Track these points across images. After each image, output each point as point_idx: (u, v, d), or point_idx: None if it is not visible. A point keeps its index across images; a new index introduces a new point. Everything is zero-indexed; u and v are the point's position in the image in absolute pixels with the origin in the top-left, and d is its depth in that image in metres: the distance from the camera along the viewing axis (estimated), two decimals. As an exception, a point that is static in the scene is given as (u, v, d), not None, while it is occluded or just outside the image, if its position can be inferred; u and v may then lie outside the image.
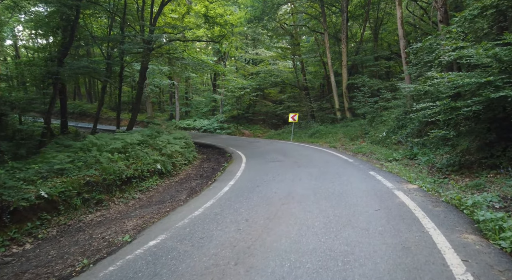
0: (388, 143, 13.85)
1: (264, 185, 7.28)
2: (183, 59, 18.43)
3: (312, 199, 5.84)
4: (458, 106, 8.14)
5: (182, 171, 10.61)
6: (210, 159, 13.63)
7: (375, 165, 9.39)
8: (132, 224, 5.65)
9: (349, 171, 8.43)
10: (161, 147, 10.32)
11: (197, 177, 9.99)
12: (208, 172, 10.64)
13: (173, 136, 12.07)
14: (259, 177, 8.24)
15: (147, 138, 10.91)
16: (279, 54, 27.48)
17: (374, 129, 16.56)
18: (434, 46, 11.61)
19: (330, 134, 18.93)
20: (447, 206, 5.17)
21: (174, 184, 8.98)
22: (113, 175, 7.25)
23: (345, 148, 14.52)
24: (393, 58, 24.93)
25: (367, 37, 28.25)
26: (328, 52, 23.03)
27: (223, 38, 19.63)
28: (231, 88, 25.14)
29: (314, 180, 7.47)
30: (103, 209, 6.68)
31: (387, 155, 11.51)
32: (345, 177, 7.69)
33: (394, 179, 7.29)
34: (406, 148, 12.25)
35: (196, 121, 27.05)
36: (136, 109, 15.74)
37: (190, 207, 5.93)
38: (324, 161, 10.28)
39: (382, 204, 5.33)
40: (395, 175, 7.90)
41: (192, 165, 11.75)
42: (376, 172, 8.15)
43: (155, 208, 6.76)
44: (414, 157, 10.87)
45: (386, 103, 17.88)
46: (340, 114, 22.43)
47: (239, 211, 5.33)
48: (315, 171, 8.55)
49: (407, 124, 14.11)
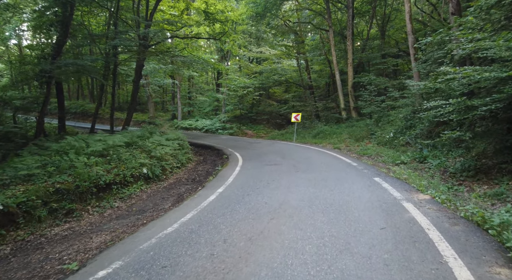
0: (395, 145, 12.90)
1: (255, 193, 6.42)
2: (183, 57, 17.67)
3: (306, 213, 4.97)
4: (474, 105, 7.21)
5: (173, 174, 9.80)
6: (206, 161, 12.82)
7: (381, 170, 8.47)
8: (99, 240, 4.84)
9: (352, 177, 7.53)
10: (150, 149, 9.52)
11: (188, 181, 9.17)
12: (202, 176, 9.82)
13: (165, 137, 11.27)
14: (252, 183, 7.39)
15: (136, 139, 10.13)
16: (283, 53, 26.54)
17: (381, 130, 15.60)
18: (445, 40, 10.66)
19: (334, 135, 18.00)
20: (467, 224, 4.26)
21: (161, 190, 8.17)
22: (88, 182, 6.46)
23: (349, 150, 13.59)
24: (401, 55, 23.86)
25: (373, 34, 27.19)
26: (333, 50, 22.07)
27: (224, 35, 18.82)
28: (234, 87, 24.28)
29: (312, 187, 6.59)
30: (73, 221, 5.88)
31: (394, 157, 10.59)
32: (347, 184, 6.79)
33: (402, 187, 6.38)
34: (415, 150, 11.30)
35: (198, 121, 26.27)
36: (131, 108, 14.99)
37: (164, 221, 5.10)
38: (325, 165, 9.39)
39: (388, 221, 4.44)
40: (404, 182, 6.98)
41: (186, 168, 10.94)
42: (382, 178, 7.24)
43: (132, 219, 5.95)
44: (424, 160, 9.93)
45: (393, 102, 16.89)
46: (345, 114, 21.46)
47: (219, 228, 4.49)
48: (314, 177, 7.67)
49: (415, 124, 13.15)
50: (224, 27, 18.53)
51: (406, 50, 24.84)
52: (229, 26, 18.66)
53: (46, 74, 13.15)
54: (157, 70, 23.20)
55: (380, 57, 22.51)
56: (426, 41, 11.53)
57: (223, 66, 21.04)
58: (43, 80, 14.25)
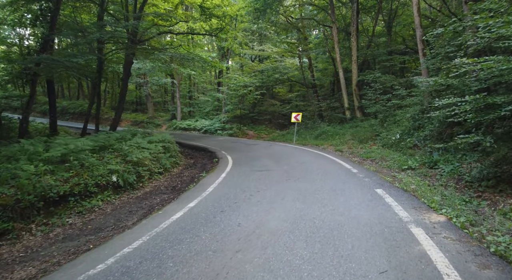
0: (402, 147, 11.61)
1: (231, 209, 5.25)
2: (178, 55, 16.56)
3: (285, 241, 3.78)
4: (497, 103, 5.97)
5: (152, 181, 8.68)
6: (196, 164, 11.69)
7: (385, 178, 7.23)
8: (19, 277, 3.73)
9: (350, 188, 6.31)
10: (126, 153, 8.41)
11: (167, 190, 8.02)
12: (185, 183, 8.67)
13: (148, 139, 10.14)
14: (232, 195, 6.23)
15: (114, 142, 9.04)
16: (284, 50, 25.28)
17: (386, 130, 14.30)
18: (459, 31, 9.39)
19: (337, 136, 16.73)
20: (500, 263, 3.04)
21: (132, 201, 7.03)
22: (33, 194, 5.35)
23: (352, 153, 12.35)
24: (409, 52, 22.43)
25: (379, 31, 25.79)
26: (336, 47, 20.77)
27: (221, 31, 17.66)
28: (233, 86, 23.10)
29: (301, 202, 5.40)
30: (6, 245, 4.77)
31: (401, 162, 9.35)
32: (342, 198, 5.58)
33: (410, 203, 5.14)
34: (424, 153, 10.01)
35: (197, 121, 25.15)
36: (119, 108, 13.93)
37: (101, 252, 3.95)
38: (322, 172, 8.16)
39: (392, 258, 3.23)
40: (412, 195, 5.74)
41: (170, 173, 9.81)
42: (385, 190, 6.01)
43: (82, 241, 4.82)
44: (435, 165, 8.67)
45: (400, 101, 15.56)
46: (349, 114, 20.16)
47: (163, 268, 3.31)
48: (306, 187, 6.47)
49: (424, 125, 11.85)
50: (221, 23, 17.38)
51: (414, 48, 23.44)
52: (226, 21, 17.46)
53: (27, 71, 12.22)
54: (154, 69, 22.15)
55: (386, 54, 21.13)
56: (437, 33, 10.25)
57: (221, 64, 19.86)
58: (28, 78, 13.32)
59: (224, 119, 24.70)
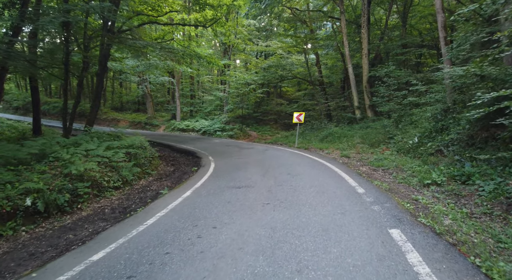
0: (421, 153, 9.25)
1: (147, 274, 3.11)
2: (169, 49, 14.53)
3: None
4: None
5: (100, 200, 6.61)
6: (175, 173, 9.61)
7: (403, 205, 4.92)
8: None
9: (351, 226, 4.03)
10: (66, 163, 6.38)
11: (113, 213, 5.91)
12: (143, 201, 6.56)
13: (107, 144, 8.08)
14: (175, 234, 4.08)
15: (57, 148, 7.03)
16: (289, 45, 22.93)
17: (402, 132, 11.91)
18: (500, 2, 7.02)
19: (345, 138, 14.39)
20: None
21: (51, 234, 4.92)
22: None
23: (360, 159, 10.04)
24: (426, 45, 19.81)
25: (393, 24, 23.19)
26: (345, 40, 18.37)
27: (215, 23, 15.56)
28: (234, 84, 20.92)
29: (266, 257, 3.20)
30: None
31: (421, 174, 7.07)
32: (336, 248, 3.34)
33: (452, 266, 2.89)
34: (451, 162, 7.65)
35: (197, 122, 23.08)
36: (94, 106, 11.96)
37: None
38: (315, 191, 5.90)
39: None
40: (450, 244, 3.45)
41: (131, 187, 7.73)
42: (405, 232, 3.73)
43: None
44: (468, 180, 6.36)
45: (417, 98, 13.12)
46: (359, 113, 17.75)
47: None
48: (285, 222, 4.24)
49: (449, 126, 9.46)
50: (216, 14, 15.27)
51: (431, 44, 20.82)
52: (223, 11, 15.33)
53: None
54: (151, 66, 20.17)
55: (400, 47, 18.58)
56: (469, 9, 7.86)
57: (217, 60, 17.69)
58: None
59: (225, 119, 22.58)
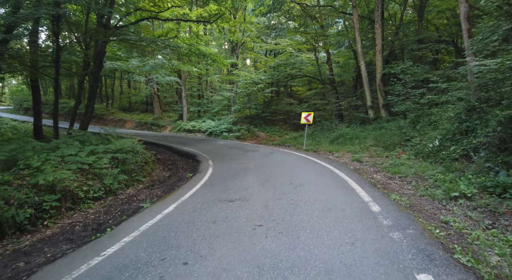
0: (444, 158, 8.12)
1: None
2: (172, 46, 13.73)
3: None
4: None
5: (75, 213, 5.76)
6: (169, 179, 8.74)
7: (430, 230, 3.86)
8: None
9: (365, 264, 2.98)
10: (35, 172, 5.55)
11: (84, 231, 5.03)
12: (126, 214, 5.70)
13: (91, 148, 7.24)
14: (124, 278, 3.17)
15: (31, 153, 6.22)
16: (298, 43, 21.82)
17: (420, 134, 10.74)
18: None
19: (357, 140, 13.26)
20: None
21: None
22: None
23: (374, 164, 8.95)
24: (443, 40, 18.44)
25: (408, 19, 21.81)
26: (357, 35, 17.22)
27: (219, 18, 14.66)
28: (241, 84, 20.00)
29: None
30: None
31: (446, 184, 5.97)
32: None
33: None
34: (480, 169, 6.52)
35: (204, 122, 22.24)
36: (89, 106, 11.21)
37: None
38: (320, 208, 4.87)
39: None
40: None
41: (115, 197, 6.87)
42: (440, 277, 2.70)
43: None
44: (504, 192, 5.26)
45: (437, 97, 11.91)
46: (372, 113, 16.56)
47: None
48: (277, 257, 3.25)
49: (476, 128, 8.29)
50: (221, 9, 14.38)
51: (448, 40, 19.42)
52: (227, 6, 14.43)
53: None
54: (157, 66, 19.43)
55: (416, 43, 17.29)
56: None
57: (223, 59, 16.79)
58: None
59: (232, 120, 21.66)
